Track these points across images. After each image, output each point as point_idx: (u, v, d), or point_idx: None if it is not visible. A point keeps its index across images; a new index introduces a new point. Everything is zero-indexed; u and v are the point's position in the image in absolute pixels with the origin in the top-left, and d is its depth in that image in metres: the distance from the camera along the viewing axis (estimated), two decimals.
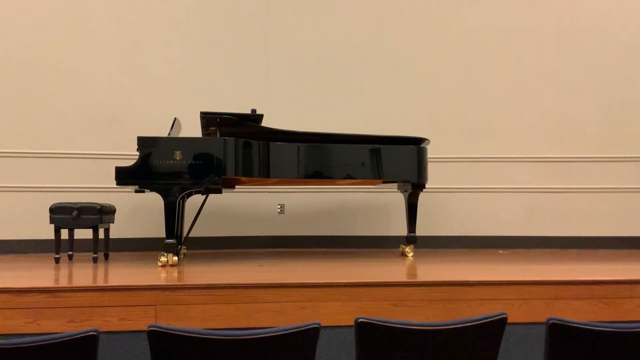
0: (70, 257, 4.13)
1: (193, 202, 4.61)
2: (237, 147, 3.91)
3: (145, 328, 1.76)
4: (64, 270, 3.65)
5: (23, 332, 2.74)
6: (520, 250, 5.08)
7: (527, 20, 5.44)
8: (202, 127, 4.29)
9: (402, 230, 4.72)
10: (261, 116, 4.25)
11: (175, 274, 3.44)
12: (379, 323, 1.85)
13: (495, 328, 1.93)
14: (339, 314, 2.95)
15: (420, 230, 4.63)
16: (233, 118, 4.07)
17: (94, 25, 5.13)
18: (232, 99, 5.12)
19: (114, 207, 4.30)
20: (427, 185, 4.52)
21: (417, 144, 4.46)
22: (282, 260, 4.28)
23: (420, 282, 3.15)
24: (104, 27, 5.15)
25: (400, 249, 4.68)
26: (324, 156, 4.26)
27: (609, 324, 1.95)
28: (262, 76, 5.38)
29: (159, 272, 3.53)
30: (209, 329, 1.88)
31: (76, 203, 4.04)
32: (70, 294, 2.85)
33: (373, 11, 5.46)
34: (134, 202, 4.99)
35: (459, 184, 5.38)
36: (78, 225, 4.01)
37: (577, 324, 1.93)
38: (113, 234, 4.41)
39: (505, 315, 1.93)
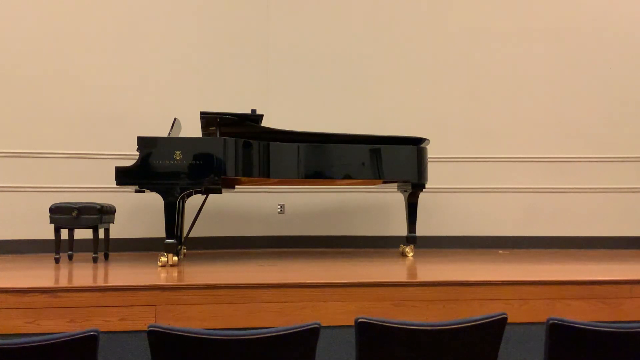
0: (70, 257, 4.14)
1: (193, 202, 4.61)
2: (237, 147, 3.91)
3: (145, 328, 1.76)
4: (64, 270, 3.65)
5: (23, 332, 2.74)
6: (520, 250, 5.08)
7: (527, 21, 5.44)
8: (202, 127, 4.29)
9: (402, 230, 4.72)
10: (261, 116, 4.25)
11: (175, 274, 3.45)
12: (379, 323, 1.85)
13: (495, 328, 1.93)
14: (339, 314, 2.95)
15: (420, 230, 4.63)
16: (233, 118, 4.07)
17: (94, 26, 5.13)
18: (232, 99, 5.12)
19: (114, 207, 4.30)
20: (427, 185, 4.52)
21: (417, 144, 4.46)
22: (282, 260, 4.28)
23: (420, 282, 3.15)
24: (104, 27, 5.15)
25: (400, 249, 4.68)
26: (324, 156, 4.26)
27: (609, 324, 1.95)
28: (262, 76, 5.38)
29: (159, 272, 3.53)
30: (209, 329, 1.88)
31: (76, 203, 4.04)
32: (70, 294, 2.85)
33: (373, 11, 5.46)
34: (134, 202, 4.99)
35: (459, 184, 5.38)
36: (78, 225, 4.01)
37: (577, 324, 1.93)
38: (113, 234, 4.41)
39: (505, 315, 1.93)
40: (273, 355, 1.78)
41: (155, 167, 3.80)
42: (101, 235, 4.18)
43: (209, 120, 4.15)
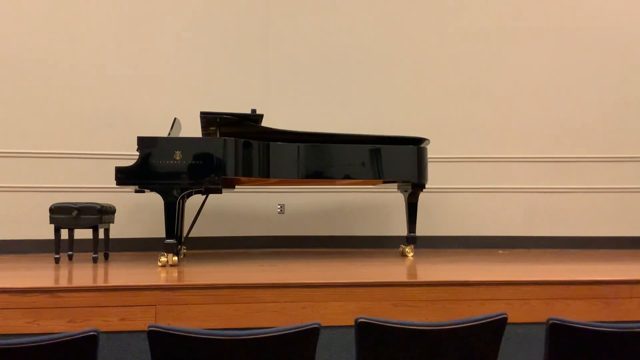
0: (70, 257, 4.13)
1: (193, 202, 4.61)
2: (237, 147, 3.91)
3: (145, 328, 1.76)
4: (64, 270, 3.64)
5: (23, 332, 2.74)
6: (520, 250, 5.08)
7: (527, 21, 5.44)
8: (202, 127, 4.29)
9: (402, 230, 4.72)
10: (261, 116, 4.25)
11: (175, 274, 3.44)
12: (379, 323, 1.85)
13: (495, 328, 1.93)
14: (339, 314, 2.95)
15: (420, 230, 4.63)
16: (233, 118, 4.07)
17: (94, 25, 5.13)
18: (232, 99, 5.12)
19: (114, 207, 4.30)
20: (427, 185, 4.52)
21: (417, 144, 4.46)
22: (282, 260, 4.28)
23: (421, 282, 3.15)
24: (104, 27, 5.15)
25: (400, 249, 4.68)
26: (324, 156, 4.26)
27: (609, 324, 1.95)
28: (262, 76, 5.38)
29: (159, 272, 3.53)
30: (209, 329, 1.88)
31: (76, 203, 4.04)
32: (70, 294, 2.84)
33: (373, 12, 5.46)
34: (134, 202, 4.99)
35: (459, 184, 5.38)
36: (78, 225, 4.01)
37: (577, 324, 1.93)
38: (113, 234, 4.41)
39: (505, 315, 1.93)
40: (273, 355, 1.78)
41: (155, 167, 3.80)
42: (101, 235, 4.17)
43: (209, 120, 4.15)
